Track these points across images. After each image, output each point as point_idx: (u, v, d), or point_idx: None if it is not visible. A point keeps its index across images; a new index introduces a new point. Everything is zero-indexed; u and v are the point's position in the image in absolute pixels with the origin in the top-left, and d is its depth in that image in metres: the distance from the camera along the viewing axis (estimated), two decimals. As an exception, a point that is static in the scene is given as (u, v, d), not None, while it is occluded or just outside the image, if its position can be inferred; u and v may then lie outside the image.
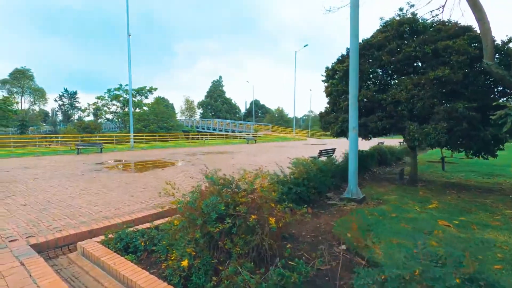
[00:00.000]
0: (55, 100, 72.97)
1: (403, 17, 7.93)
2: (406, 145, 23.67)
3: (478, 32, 6.39)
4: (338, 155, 9.84)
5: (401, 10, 8.26)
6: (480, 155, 7.28)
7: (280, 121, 69.44)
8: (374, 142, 13.56)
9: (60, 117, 74.59)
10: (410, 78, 6.89)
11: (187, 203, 2.86)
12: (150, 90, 47.12)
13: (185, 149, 22.47)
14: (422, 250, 2.13)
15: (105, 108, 46.75)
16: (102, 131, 45.10)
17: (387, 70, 7.71)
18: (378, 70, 7.81)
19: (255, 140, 33.20)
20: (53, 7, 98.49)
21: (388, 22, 8.24)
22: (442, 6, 8.40)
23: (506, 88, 6.50)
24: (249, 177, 3.26)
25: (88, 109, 51.21)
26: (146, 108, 44.93)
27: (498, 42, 6.48)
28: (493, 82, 6.71)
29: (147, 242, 3.41)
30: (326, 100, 9.66)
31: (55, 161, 13.57)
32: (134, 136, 24.23)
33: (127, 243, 3.40)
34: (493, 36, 5.94)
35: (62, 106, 73.59)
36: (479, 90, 6.55)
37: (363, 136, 8.24)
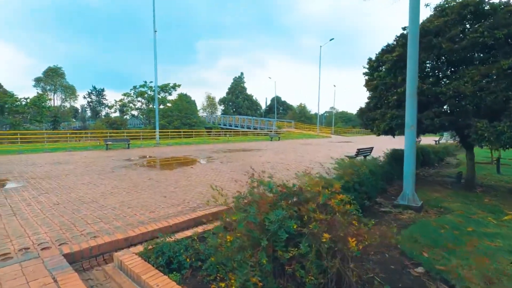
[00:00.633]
0: (84, 97, 75.99)
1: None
2: (444, 143, 21.90)
3: None
4: (374, 154, 8.98)
5: None
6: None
7: (302, 117, 68.01)
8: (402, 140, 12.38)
9: (88, 113, 77.63)
10: (477, 68, 5.97)
11: (247, 217, 2.32)
12: (174, 87, 47.60)
13: (209, 145, 22.23)
14: None
15: (130, 104, 47.96)
16: (128, 127, 46.15)
17: (447, 59, 6.77)
18: (435, 59, 6.90)
19: (279, 137, 32.49)
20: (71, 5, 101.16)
21: (441, 6, 7.29)
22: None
23: None
24: (315, 184, 2.67)
25: (114, 105, 52.83)
26: (169, 104, 45.46)
27: None
28: None
29: (193, 259, 2.93)
30: (367, 95, 8.87)
31: (86, 156, 13.69)
32: (160, 132, 24.34)
33: (170, 257, 2.94)
34: None
35: (90, 103, 76.48)
36: None
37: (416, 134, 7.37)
